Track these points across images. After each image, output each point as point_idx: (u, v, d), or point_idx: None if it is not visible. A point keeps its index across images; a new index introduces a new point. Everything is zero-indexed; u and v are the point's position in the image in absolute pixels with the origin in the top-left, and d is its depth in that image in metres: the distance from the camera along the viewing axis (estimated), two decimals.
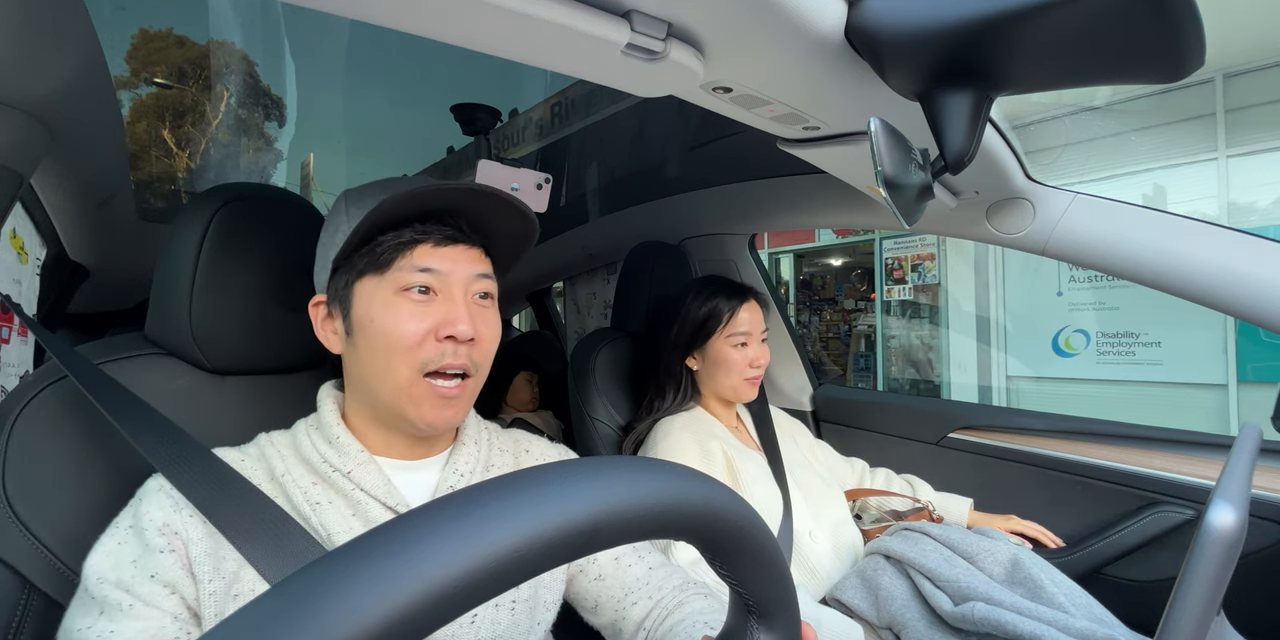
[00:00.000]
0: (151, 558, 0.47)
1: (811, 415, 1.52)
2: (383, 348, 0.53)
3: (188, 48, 1.17)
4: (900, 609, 0.84)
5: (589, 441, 1.13)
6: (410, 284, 0.53)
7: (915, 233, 4.16)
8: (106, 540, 0.49)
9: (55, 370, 0.60)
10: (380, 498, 0.53)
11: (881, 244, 4.94)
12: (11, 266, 0.86)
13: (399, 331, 0.52)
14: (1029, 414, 1.23)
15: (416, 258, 0.53)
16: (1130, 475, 1.06)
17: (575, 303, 2.13)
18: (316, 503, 0.52)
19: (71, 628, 0.46)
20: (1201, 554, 0.35)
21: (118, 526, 0.50)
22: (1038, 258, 0.98)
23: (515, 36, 0.46)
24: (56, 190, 0.99)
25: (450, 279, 0.54)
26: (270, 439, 0.57)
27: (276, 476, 0.54)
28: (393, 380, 0.53)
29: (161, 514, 0.49)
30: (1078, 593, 0.82)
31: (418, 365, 0.52)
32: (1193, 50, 0.41)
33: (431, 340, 0.53)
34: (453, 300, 0.54)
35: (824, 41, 0.48)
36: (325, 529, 0.51)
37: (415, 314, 0.53)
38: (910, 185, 0.48)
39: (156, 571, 0.47)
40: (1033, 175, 0.93)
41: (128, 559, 0.47)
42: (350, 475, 0.53)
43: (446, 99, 1.16)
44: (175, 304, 0.62)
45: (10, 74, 0.60)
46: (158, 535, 0.48)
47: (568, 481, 0.21)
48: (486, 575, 0.18)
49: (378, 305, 0.53)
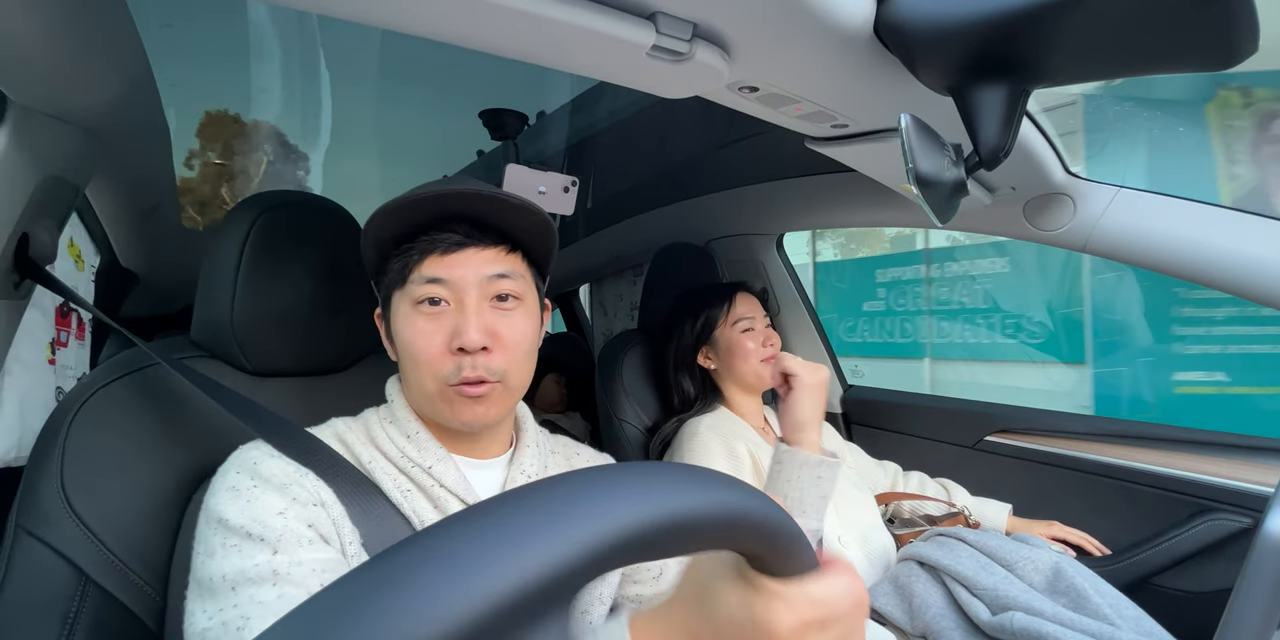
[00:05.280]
0: (303, 509, 0.47)
1: (842, 417, 1.50)
2: (410, 362, 0.55)
3: (238, 125, 1.30)
4: (935, 617, 0.81)
5: (617, 443, 1.13)
6: (421, 297, 0.54)
7: (949, 230, 4.03)
8: (227, 501, 0.46)
9: (111, 371, 0.63)
10: (459, 494, 0.54)
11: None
12: (70, 274, 0.90)
13: (417, 347, 0.53)
14: (1070, 417, 1.18)
15: (425, 269, 0.54)
16: (1180, 481, 1.01)
17: (601, 304, 2.14)
18: (406, 491, 0.53)
19: (239, 569, 0.43)
20: (1259, 564, 0.33)
21: (237, 489, 0.47)
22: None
23: (541, 41, 0.46)
24: (108, 199, 1.04)
25: (460, 286, 0.53)
26: (346, 425, 0.58)
27: (363, 463, 0.55)
28: (424, 389, 0.55)
29: (292, 472, 0.49)
30: (1124, 604, 0.78)
31: (441, 379, 0.53)
32: (1246, 35, 0.39)
33: (448, 354, 0.53)
34: (463, 309, 0.53)
35: (853, 38, 0.47)
36: (418, 516, 0.52)
37: (428, 328, 0.53)
38: (943, 182, 0.47)
39: (312, 521, 0.47)
40: (1072, 169, 0.90)
41: (273, 511, 0.46)
42: (431, 471, 0.54)
43: (473, 105, 1.18)
44: (218, 308, 0.64)
45: (66, 91, 0.64)
46: (300, 489, 0.48)
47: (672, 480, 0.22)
48: (588, 557, 0.19)
49: (400, 320, 0.55)
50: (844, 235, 5.31)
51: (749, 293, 1.10)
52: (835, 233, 5.17)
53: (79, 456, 0.58)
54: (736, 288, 1.10)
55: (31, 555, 0.55)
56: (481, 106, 1.21)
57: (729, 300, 1.07)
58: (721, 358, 1.06)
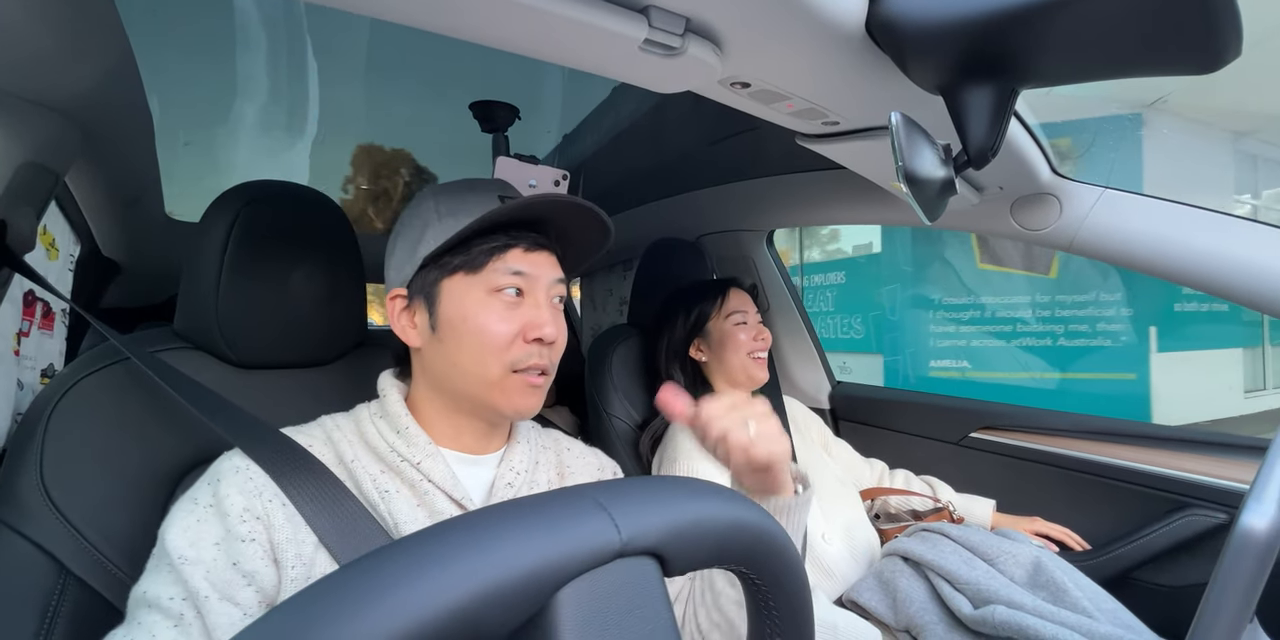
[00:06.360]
0: (234, 545, 0.48)
1: (830, 413, 1.51)
2: (475, 346, 0.55)
3: (382, 153, 1.37)
4: (918, 612, 0.83)
5: (606, 438, 1.13)
6: (503, 285, 0.56)
7: (938, 228, 4.15)
8: (183, 515, 0.49)
9: (91, 361, 0.62)
10: (446, 490, 0.54)
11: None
12: (39, 262, 0.88)
13: (493, 331, 0.55)
14: (1054, 414, 1.20)
15: (510, 261, 0.56)
16: (1159, 477, 1.03)
17: (591, 299, 2.14)
18: (385, 491, 0.53)
19: (159, 593, 0.46)
20: (1234, 559, 0.34)
21: (196, 502, 0.49)
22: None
23: (533, 33, 0.46)
24: (89, 188, 1.02)
25: (537, 283, 0.57)
26: (335, 422, 0.58)
27: (345, 462, 0.54)
28: (484, 375, 0.55)
29: (243, 498, 0.49)
30: (1103, 597, 0.80)
31: (508, 363, 0.55)
32: (1229, 39, 0.40)
33: (520, 341, 0.55)
34: (539, 304, 0.57)
35: (845, 35, 0.47)
36: (393, 518, 0.52)
37: (506, 315, 0.55)
38: (932, 180, 0.47)
39: (239, 560, 0.47)
40: (1059, 169, 0.91)
41: (210, 540, 0.48)
42: (419, 466, 0.54)
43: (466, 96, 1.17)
44: (203, 299, 0.63)
45: (46, 75, 0.62)
46: (240, 522, 0.48)
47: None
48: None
49: (470, 304, 0.56)
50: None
51: (741, 289, 1.12)
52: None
53: (59, 449, 0.58)
54: (730, 283, 1.12)
55: (10, 549, 0.55)
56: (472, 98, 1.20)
57: (723, 294, 1.09)
58: (713, 349, 1.07)
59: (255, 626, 0.18)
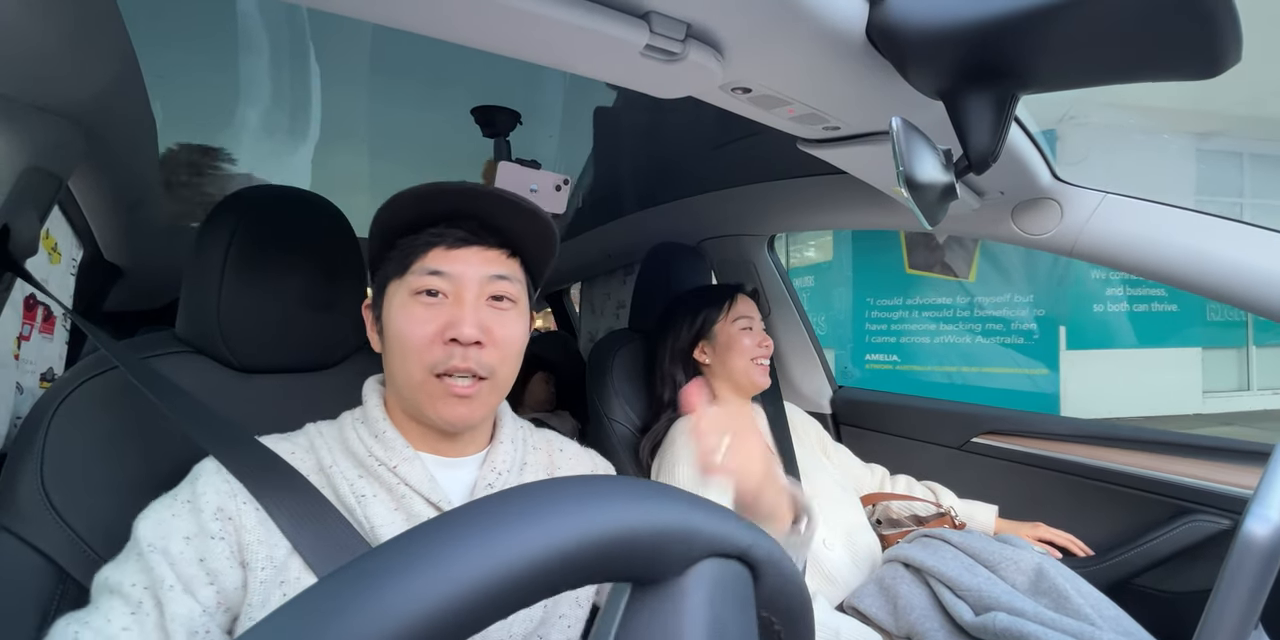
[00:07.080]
0: (204, 542, 0.48)
1: (831, 418, 1.51)
2: (399, 350, 0.55)
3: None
4: (919, 618, 0.82)
5: (606, 442, 1.13)
6: (420, 287, 0.54)
7: (938, 233, 4.26)
8: (160, 508, 0.50)
9: (92, 366, 0.62)
10: (424, 493, 0.54)
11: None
12: (41, 266, 0.88)
13: (409, 333, 0.54)
14: (1056, 419, 1.20)
15: (429, 261, 0.54)
16: (1162, 483, 1.02)
17: (590, 303, 2.14)
18: (362, 496, 0.53)
19: (121, 580, 0.47)
20: (1238, 565, 0.34)
21: (175, 498, 0.50)
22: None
23: (535, 39, 0.46)
24: (92, 191, 1.02)
25: (461, 281, 0.55)
26: (319, 430, 0.58)
27: (324, 468, 0.55)
28: (409, 380, 0.54)
29: (217, 497, 0.50)
30: (1105, 604, 0.79)
31: (428, 366, 0.53)
32: (1229, 45, 0.40)
33: (439, 343, 0.53)
34: (461, 303, 0.54)
35: (845, 41, 0.47)
36: (369, 522, 0.52)
37: (424, 317, 0.54)
38: (933, 185, 0.47)
39: (205, 556, 0.48)
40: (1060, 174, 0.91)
41: (180, 533, 0.48)
42: (396, 470, 0.54)
43: (467, 102, 1.17)
44: (204, 303, 0.64)
45: (50, 80, 0.63)
46: (212, 520, 0.49)
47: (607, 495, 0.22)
48: (521, 582, 0.19)
49: (395, 307, 0.55)
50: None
51: (746, 296, 1.13)
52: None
53: (59, 453, 0.57)
54: (737, 289, 1.12)
55: (9, 553, 0.55)
56: (474, 103, 1.21)
57: (730, 299, 1.10)
58: (718, 352, 1.07)
59: (347, 568, 0.19)
